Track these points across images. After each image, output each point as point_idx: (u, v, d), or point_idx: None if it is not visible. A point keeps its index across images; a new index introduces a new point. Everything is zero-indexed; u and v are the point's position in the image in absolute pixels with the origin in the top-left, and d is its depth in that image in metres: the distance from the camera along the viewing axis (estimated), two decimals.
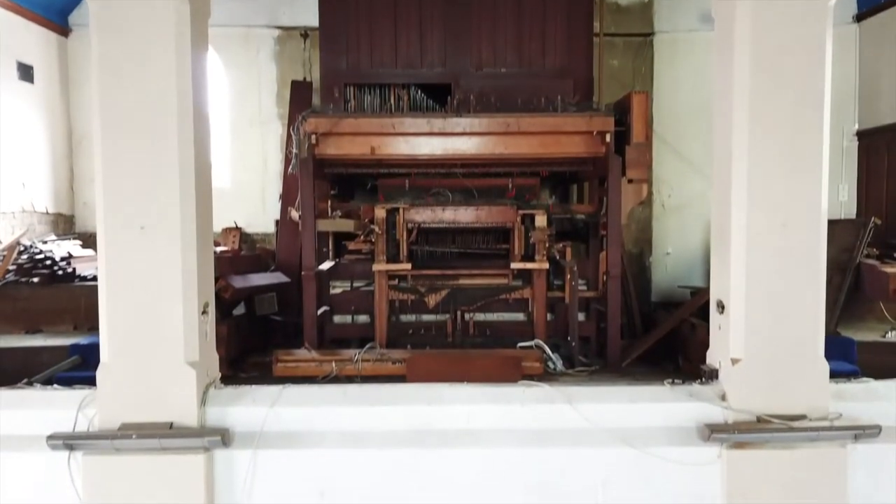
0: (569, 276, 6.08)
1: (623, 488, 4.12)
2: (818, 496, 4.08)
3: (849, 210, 9.07)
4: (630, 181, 6.34)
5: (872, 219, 6.51)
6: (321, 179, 6.73)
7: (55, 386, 4.29)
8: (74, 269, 6.96)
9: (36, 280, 6.67)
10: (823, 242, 4.05)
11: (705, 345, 4.53)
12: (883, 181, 8.63)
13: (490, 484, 4.12)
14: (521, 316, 6.42)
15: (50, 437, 3.90)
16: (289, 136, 7.52)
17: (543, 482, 4.13)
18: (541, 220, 6.15)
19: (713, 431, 4.00)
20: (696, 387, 4.23)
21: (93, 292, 4.02)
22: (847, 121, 9.10)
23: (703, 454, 4.08)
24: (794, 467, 4.05)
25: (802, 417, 4.04)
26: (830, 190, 4.30)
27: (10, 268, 6.87)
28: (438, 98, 6.81)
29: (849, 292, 6.17)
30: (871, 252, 6.68)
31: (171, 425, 3.95)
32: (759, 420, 4.05)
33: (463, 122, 6.33)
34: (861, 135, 9.06)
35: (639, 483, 4.11)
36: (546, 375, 5.15)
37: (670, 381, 4.25)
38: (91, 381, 4.04)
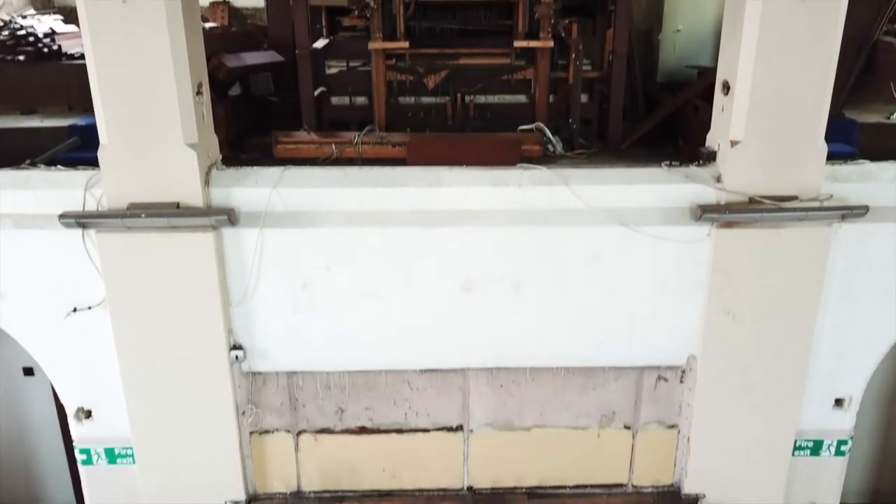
0: (573, 56, 5.86)
1: (613, 262, 4.35)
2: (799, 271, 4.32)
3: None
4: None
5: None
6: None
7: (58, 167, 4.33)
8: (60, 47, 6.68)
9: (22, 58, 6.44)
10: (841, 18, 3.85)
11: (707, 127, 4.51)
12: None
13: (486, 259, 4.34)
14: (522, 98, 6.28)
15: (61, 216, 4.04)
16: None
17: (537, 257, 4.34)
18: None
19: (704, 211, 4.12)
20: (692, 169, 4.28)
21: (83, 71, 3.90)
22: None
23: (692, 233, 4.25)
24: (779, 245, 4.24)
25: (794, 198, 4.14)
26: None
27: None
28: None
29: (860, 72, 5.97)
30: (891, 28, 6.35)
31: (177, 205, 4.06)
32: (751, 201, 4.15)
33: None
34: None
35: (628, 258, 4.33)
36: (545, 158, 5.16)
37: (667, 163, 4.29)
38: (92, 162, 4.08)
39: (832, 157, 4.21)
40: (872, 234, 4.33)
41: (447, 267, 4.34)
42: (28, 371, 6.29)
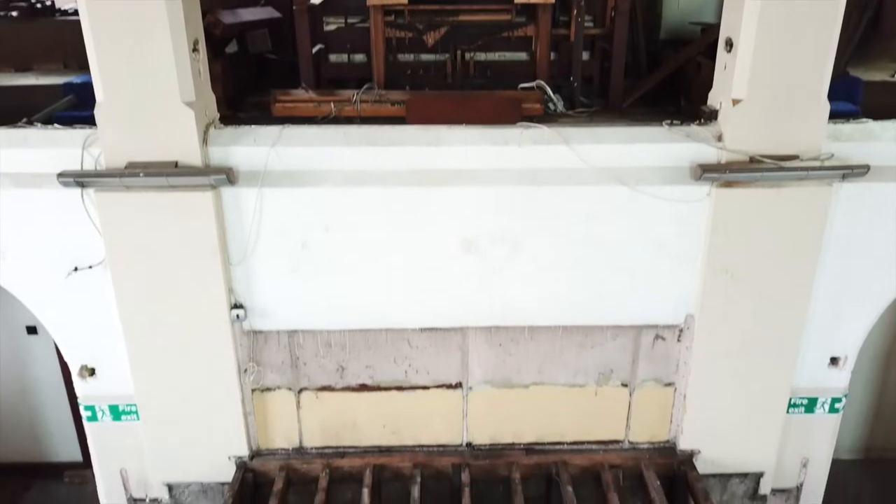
0: (575, 12, 5.77)
1: (612, 222, 4.35)
2: (798, 231, 4.32)
3: None
4: None
5: None
6: None
7: (55, 125, 4.30)
8: (54, 3, 6.60)
9: (15, 15, 6.35)
10: None
11: (709, 85, 4.46)
12: None
13: (485, 218, 4.34)
14: (523, 55, 6.20)
15: (60, 175, 4.02)
16: None
17: (537, 217, 4.34)
18: None
19: (705, 171, 4.11)
20: (693, 128, 4.25)
21: (78, 28, 3.84)
22: None
23: (692, 192, 4.24)
24: (779, 204, 4.23)
25: (795, 157, 4.12)
26: None
27: None
28: None
29: (865, 29, 5.88)
30: None
31: (176, 164, 4.05)
32: (752, 160, 4.13)
33: None
34: None
35: (627, 217, 4.33)
36: (546, 117, 5.13)
37: (668, 122, 4.25)
38: (89, 121, 4.05)
39: (835, 115, 4.17)
40: (873, 193, 4.32)
41: (447, 226, 4.35)
42: (31, 329, 6.36)
